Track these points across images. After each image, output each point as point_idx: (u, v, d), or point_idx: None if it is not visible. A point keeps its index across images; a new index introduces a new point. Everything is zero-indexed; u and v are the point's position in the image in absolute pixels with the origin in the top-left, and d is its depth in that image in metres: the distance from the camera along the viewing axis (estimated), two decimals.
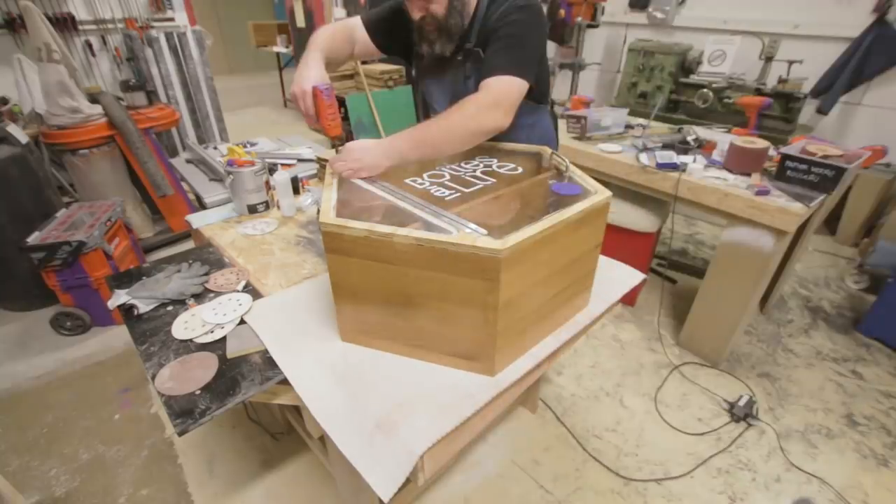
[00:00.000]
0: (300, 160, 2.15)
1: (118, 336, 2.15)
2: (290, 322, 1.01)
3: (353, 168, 1.03)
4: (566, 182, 1.03)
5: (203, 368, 0.90)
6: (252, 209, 1.48)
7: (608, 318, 2.11)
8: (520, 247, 0.75)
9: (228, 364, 0.92)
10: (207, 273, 1.20)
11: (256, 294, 1.12)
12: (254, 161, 1.48)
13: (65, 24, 2.92)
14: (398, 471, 0.72)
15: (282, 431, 1.68)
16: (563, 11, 3.41)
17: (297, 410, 1.19)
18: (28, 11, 2.25)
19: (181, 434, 0.79)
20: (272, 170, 1.59)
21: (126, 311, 1.07)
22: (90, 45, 3.09)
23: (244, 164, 1.44)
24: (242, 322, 1.02)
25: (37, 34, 2.25)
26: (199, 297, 1.11)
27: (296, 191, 1.56)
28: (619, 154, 2.02)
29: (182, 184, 2.79)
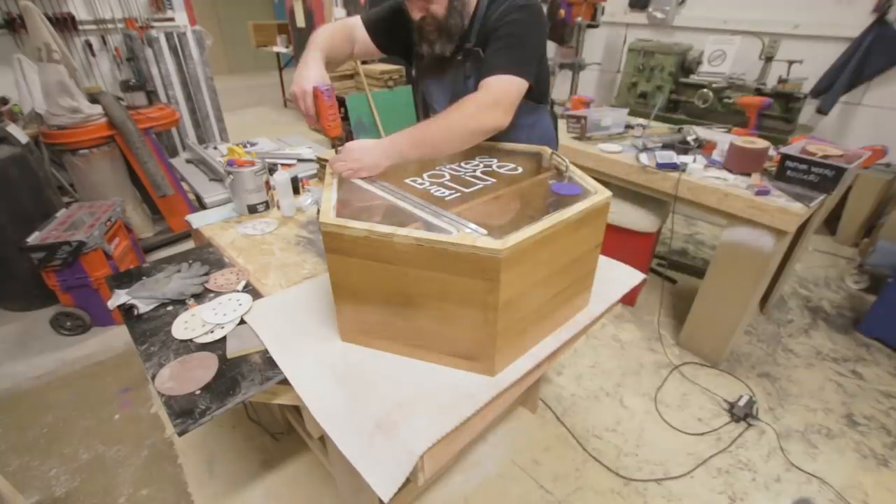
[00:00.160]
0: (300, 160, 2.15)
1: (118, 336, 2.15)
2: (290, 322, 1.01)
3: (353, 168, 1.03)
4: (566, 182, 1.03)
5: (203, 368, 0.90)
6: (252, 209, 1.48)
7: (608, 318, 2.11)
8: (520, 247, 0.75)
9: (228, 364, 0.92)
10: (207, 273, 1.20)
11: (256, 294, 1.12)
12: (254, 161, 1.48)
13: (65, 24, 2.92)
14: (398, 471, 0.72)
15: (282, 431, 1.68)
16: (563, 11, 3.41)
17: (297, 410, 1.19)
18: (28, 11, 2.25)
19: (181, 434, 0.79)
20: (272, 170, 1.59)
21: (126, 311, 1.07)
22: (90, 45, 3.09)
23: (244, 164, 1.44)
24: (242, 322, 1.02)
25: (37, 34, 2.25)
26: (199, 297, 1.12)
27: (296, 191, 1.56)
28: (619, 154, 2.02)
29: (182, 184, 2.79)
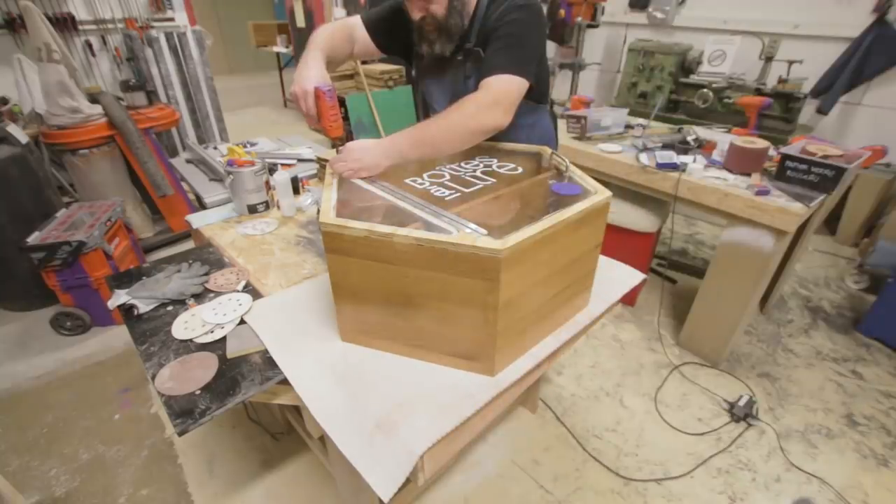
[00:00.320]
0: (300, 160, 2.15)
1: (118, 336, 2.15)
2: (290, 322, 1.01)
3: (353, 168, 1.03)
4: (566, 182, 1.03)
5: (203, 368, 0.90)
6: (252, 209, 1.48)
7: (608, 318, 2.11)
8: (520, 247, 0.75)
9: (228, 364, 0.92)
10: (207, 273, 1.20)
11: (256, 294, 1.12)
12: (254, 161, 1.48)
13: (65, 24, 2.92)
14: (398, 471, 0.72)
15: (282, 431, 1.68)
16: (563, 11, 3.41)
17: (297, 410, 1.19)
18: (28, 11, 2.25)
19: (181, 434, 0.79)
20: (272, 170, 1.59)
21: (126, 311, 1.07)
22: (90, 45, 3.09)
23: (244, 164, 1.44)
24: (242, 322, 1.02)
25: (37, 34, 2.25)
26: (199, 297, 1.12)
27: (296, 191, 1.56)
28: (619, 154, 2.02)
29: (182, 184, 2.79)
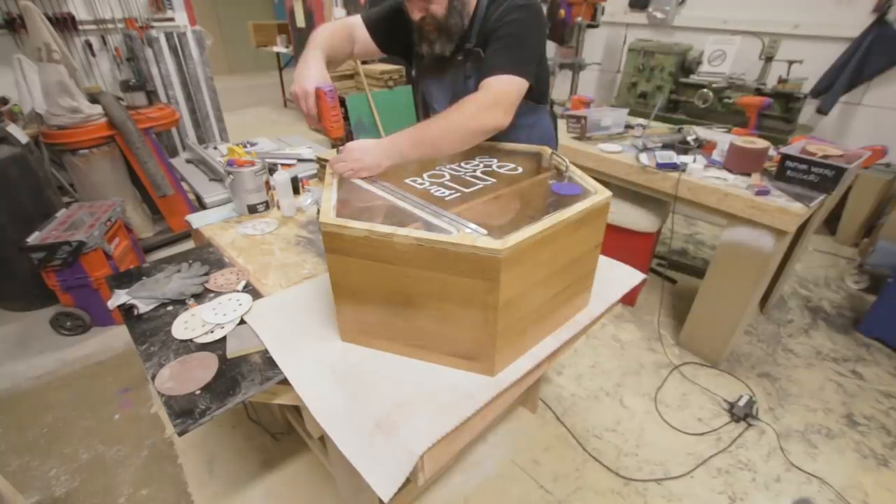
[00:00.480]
0: (300, 160, 2.15)
1: (118, 336, 2.15)
2: (290, 322, 1.01)
3: (354, 168, 1.03)
4: (566, 182, 1.03)
5: (203, 368, 0.90)
6: (252, 209, 1.48)
7: (608, 318, 2.11)
8: (520, 247, 0.75)
9: (228, 364, 0.92)
10: (207, 273, 1.20)
11: (256, 294, 1.12)
12: (254, 161, 1.48)
13: (65, 24, 2.92)
14: (398, 471, 0.72)
15: (282, 431, 1.68)
16: (563, 11, 3.40)
17: (297, 410, 1.19)
18: (28, 11, 2.25)
19: (181, 434, 0.79)
20: (272, 170, 1.59)
21: (126, 311, 1.07)
22: (90, 45, 3.09)
23: (244, 164, 1.44)
24: (242, 322, 1.02)
25: (37, 34, 2.25)
26: (199, 297, 1.12)
27: (296, 191, 1.56)
28: (619, 154, 2.02)
29: (182, 184, 2.79)
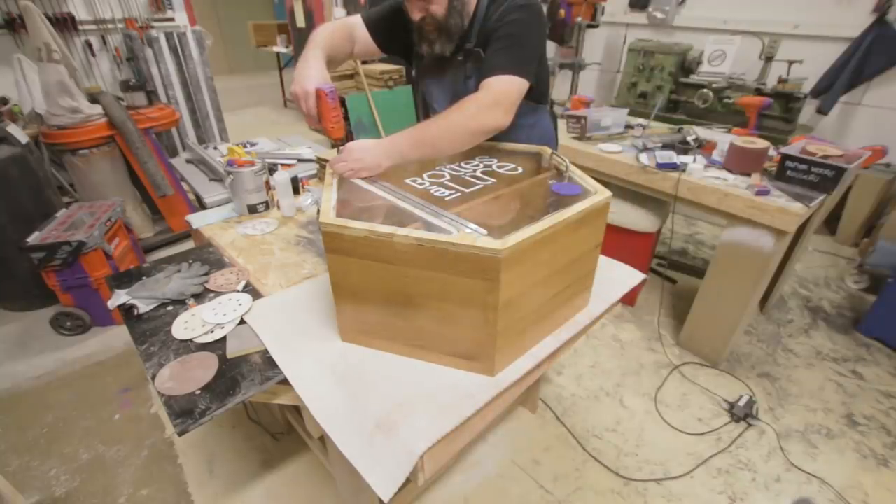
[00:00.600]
0: (300, 160, 2.15)
1: (118, 336, 2.15)
2: (290, 322, 1.01)
3: (354, 168, 1.03)
4: (566, 182, 1.03)
5: (203, 368, 0.90)
6: (252, 209, 1.48)
7: (608, 318, 2.11)
8: (520, 247, 0.75)
9: (228, 364, 0.92)
10: (207, 273, 1.20)
11: (256, 294, 1.12)
12: (254, 161, 1.48)
13: (65, 24, 2.92)
14: (398, 471, 0.72)
15: (282, 431, 1.68)
16: (563, 11, 3.40)
17: (297, 410, 1.19)
18: (28, 11, 2.25)
19: (181, 434, 0.79)
20: (272, 170, 1.59)
21: (126, 311, 1.07)
22: (90, 45, 3.09)
23: (244, 164, 1.44)
24: (242, 322, 1.02)
25: (37, 34, 2.25)
26: (199, 297, 1.12)
27: (296, 191, 1.56)
28: (619, 154, 2.02)
29: (182, 184, 2.79)
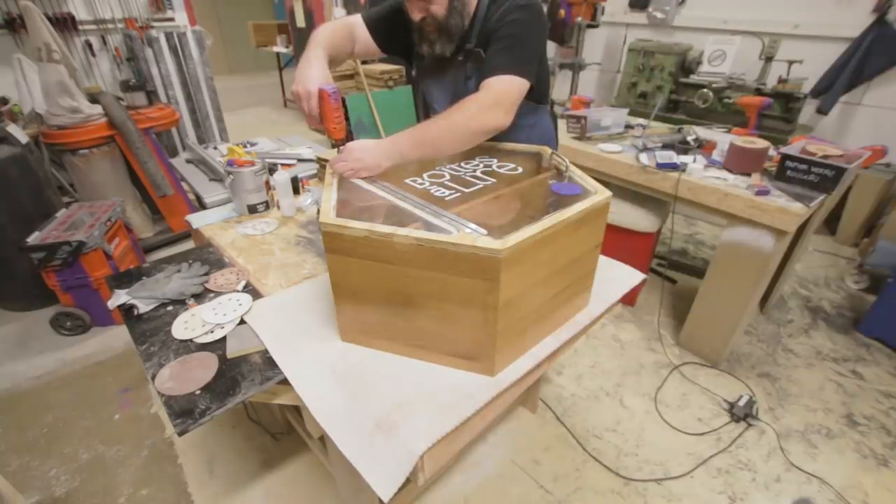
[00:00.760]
0: (300, 160, 2.15)
1: (118, 336, 2.15)
2: (290, 322, 1.01)
3: (354, 168, 1.03)
4: (566, 182, 1.03)
5: (203, 368, 0.90)
6: (252, 209, 1.48)
7: (608, 318, 2.11)
8: (520, 247, 0.75)
9: (228, 364, 0.92)
10: (207, 273, 1.20)
11: (256, 294, 1.12)
12: (254, 161, 1.48)
13: (65, 24, 2.92)
14: (398, 471, 0.72)
15: (282, 431, 1.68)
16: (563, 11, 3.40)
17: (297, 410, 1.19)
18: (28, 11, 2.25)
19: (181, 434, 0.79)
20: (272, 170, 1.59)
21: (126, 311, 1.07)
22: (90, 45, 3.10)
23: (244, 164, 1.44)
24: (242, 322, 1.02)
25: (37, 34, 2.25)
26: (199, 297, 1.12)
27: (296, 191, 1.56)
28: (619, 154, 2.02)
29: (182, 184, 2.79)
